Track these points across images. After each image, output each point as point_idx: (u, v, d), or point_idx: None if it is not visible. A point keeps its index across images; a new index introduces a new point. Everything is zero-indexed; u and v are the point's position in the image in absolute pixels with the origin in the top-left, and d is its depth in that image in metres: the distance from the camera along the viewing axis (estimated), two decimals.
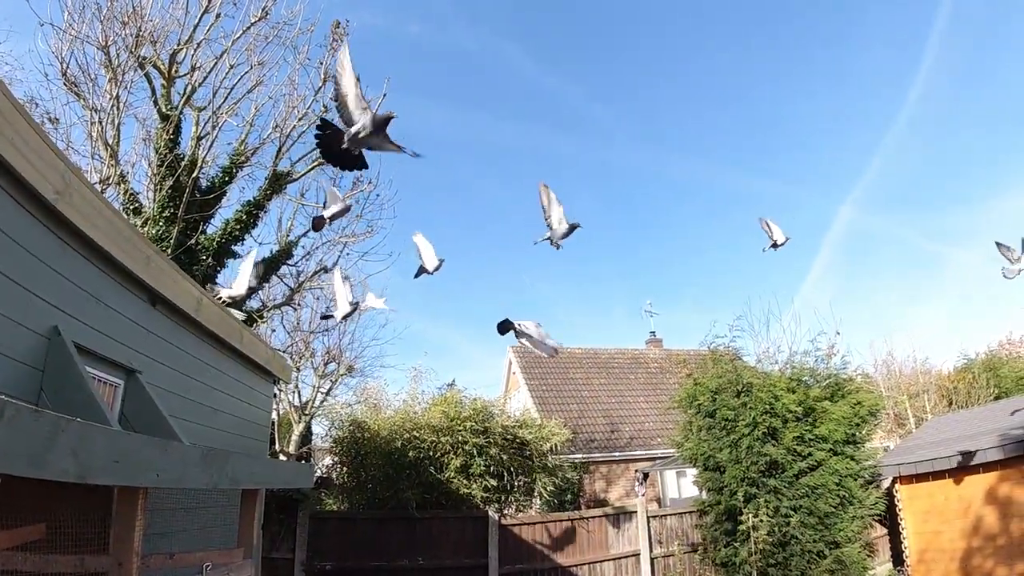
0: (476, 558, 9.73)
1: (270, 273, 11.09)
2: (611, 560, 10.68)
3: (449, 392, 11.26)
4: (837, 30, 62.50)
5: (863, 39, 62.06)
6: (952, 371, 24.12)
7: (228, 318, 5.60)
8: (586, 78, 74.13)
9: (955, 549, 10.67)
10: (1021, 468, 9.96)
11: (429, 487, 10.04)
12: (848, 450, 11.01)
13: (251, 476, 3.70)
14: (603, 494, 18.75)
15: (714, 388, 11.61)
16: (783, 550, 10.50)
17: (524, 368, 21.98)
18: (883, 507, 11.56)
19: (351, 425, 10.63)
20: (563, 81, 70.82)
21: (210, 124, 10.00)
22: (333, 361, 13.81)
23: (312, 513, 9.27)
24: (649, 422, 20.61)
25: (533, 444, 10.73)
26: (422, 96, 62.09)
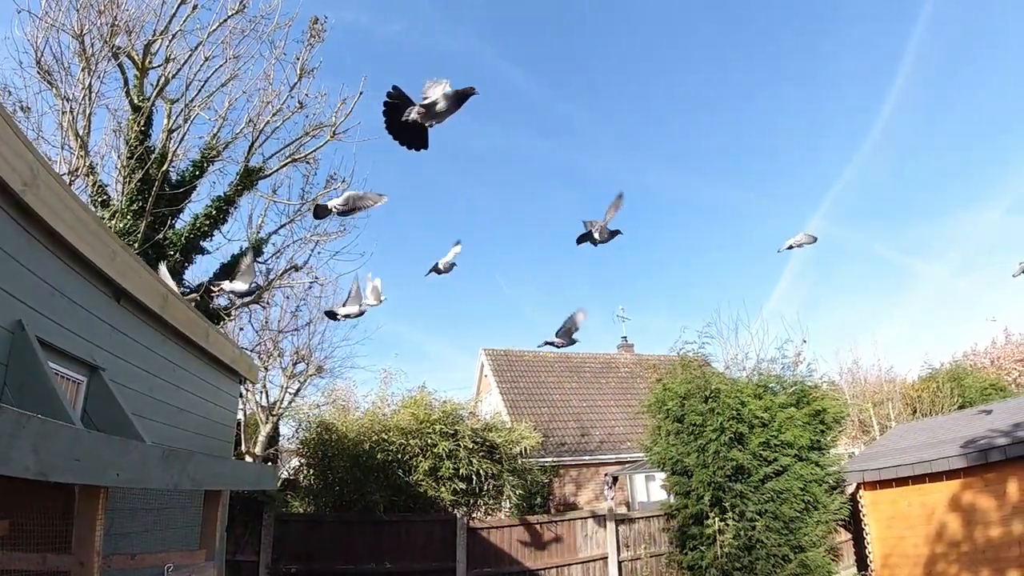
0: (444, 561, 9.72)
1: None
2: (579, 563, 10.76)
3: (419, 394, 11.20)
4: (813, 45, 64.02)
5: (838, 55, 63.64)
6: (916, 380, 24.82)
7: (194, 315, 5.54)
8: (566, 85, 74.62)
9: (919, 555, 10.96)
10: (984, 476, 10.25)
11: (397, 490, 10.02)
12: (813, 456, 11.27)
13: (213, 477, 3.68)
14: (573, 497, 18.86)
15: (683, 393, 11.79)
16: (749, 554, 10.69)
17: (496, 371, 22.05)
18: (847, 512, 11.84)
19: (318, 427, 10.56)
20: (543, 87, 71.20)
21: (182, 117, 9.87)
22: (302, 361, 13.66)
23: (278, 515, 9.17)
24: (619, 426, 20.81)
25: (503, 447, 10.77)
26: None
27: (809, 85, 64.53)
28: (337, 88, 10.82)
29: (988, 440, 10.54)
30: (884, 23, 58.73)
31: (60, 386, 3.09)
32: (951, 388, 22.09)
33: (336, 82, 10.52)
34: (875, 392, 23.09)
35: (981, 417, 13.15)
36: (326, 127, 10.90)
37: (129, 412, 3.71)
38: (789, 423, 11.20)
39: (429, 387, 11.64)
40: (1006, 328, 33.21)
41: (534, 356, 23.77)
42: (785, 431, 11.10)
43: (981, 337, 40.11)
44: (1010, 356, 31.05)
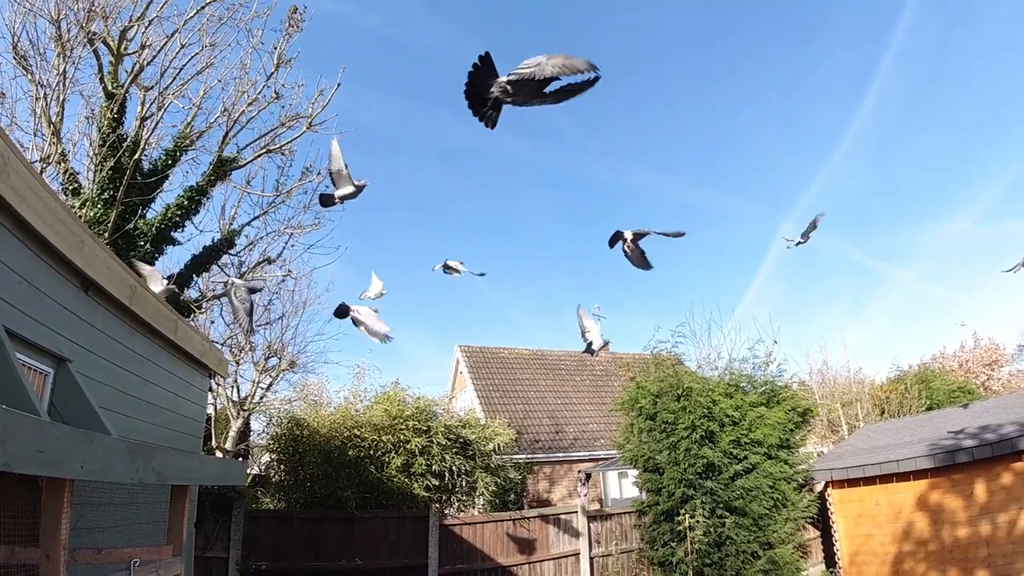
0: (416, 558, 9.72)
1: (211, 262, 10.82)
2: (551, 560, 10.85)
3: (392, 390, 11.17)
4: (790, 50, 65.08)
5: (816, 60, 64.88)
6: (885, 382, 25.40)
7: (163, 308, 5.48)
8: None
9: (886, 553, 11.23)
10: (951, 477, 10.54)
11: (369, 486, 9.99)
12: (782, 454, 11.51)
13: (179, 472, 3.66)
14: (546, 494, 18.99)
15: (655, 392, 11.97)
16: (718, 550, 10.90)
17: (471, 368, 22.08)
18: (816, 510, 12.12)
19: (289, 422, 10.48)
20: None
21: (156, 105, 9.71)
22: (274, 356, 13.53)
23: (247, 511, 9.10)
24: (593, 424, 20.99)
25: (476, 444, 10.81)
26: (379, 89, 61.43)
27: (788, 92, 65.76)
28: (315, 79, 10.73)
29: (955, 442, 10.80)
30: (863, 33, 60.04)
31: (27, 377, 3.06)
32: (919, 390, 22.64)
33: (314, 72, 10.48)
34: (844, 393, 23.58)
35: (948, 419, 13.50)
36: (302, 118, 10.81)
37: (96, 405, 3.68)
38: (759, 422, 11.43)
39: (403, 383, 11.62)
40: (975, 332, 34.20)
41: (510, 353, 23.87)
42: (755, 430, 11.32)
43: (950, 341, 41.17)
44: (979, 360, 31.95)
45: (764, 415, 11.54)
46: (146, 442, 4.07)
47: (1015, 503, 9.79)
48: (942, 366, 29.85)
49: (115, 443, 2.88)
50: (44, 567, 2.46)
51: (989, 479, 10.14)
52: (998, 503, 10.00)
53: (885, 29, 58.29)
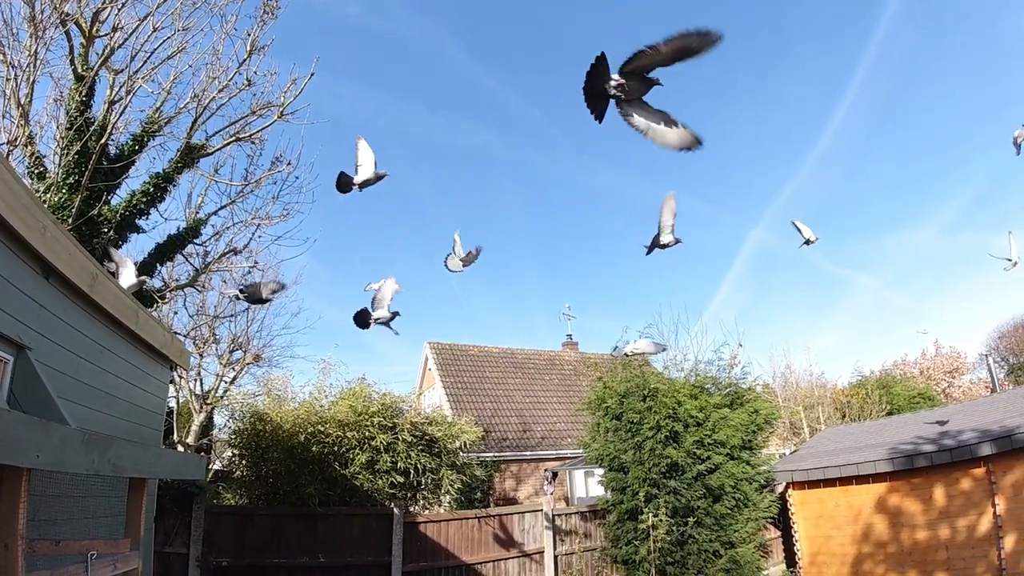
0: (380, 556, 9.71)
1: (175, 251, 10.66)
2: (515, 558, 10.93)
3: (358, 386, 11.13)
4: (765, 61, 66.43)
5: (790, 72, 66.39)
6: (847, 386, 26.10)
7: (124, 297, 5.42)
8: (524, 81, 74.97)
9: (846, 553, 11.56)
10: (910, 481, 10.85)
11: (333, 483, 9.95)
12: (744, 455, 11.78)
13: (135, 464, 3.64)
14: (513, 492, 19.11)
15: (622, 392, 12.16)
16: (681, 549, 11.11)
17: (440, 365, 22.09)
18: (776, 510, 12.43)
19: (252, 417, 10.39)
20: (501, 81, 71.40)
21: (125, 89, 9.52)
22: (239, 349, 13.37)
23: (208, 507, 9.00)
24: (561, 423, 21.17)
25: (442, 441, 10.83)
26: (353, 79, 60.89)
27: (761, 102, 67.16)
28: (288, 67, 10.62)
29: (914, 447, 11.12)
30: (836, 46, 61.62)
31: None
32: (880, 395, 23.31)
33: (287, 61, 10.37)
34: (806, 396, 24.19)
35: (908, 424, 13.92)
36: (274, 107, 10.69)
37: (55, 394, 3.64)
38: (722, 423, 11.68)
39: (370, 380, 11.59)
40: (936, 340, 35.42)
41: (479, 351, 23.94)
42: (719, 430, 11.56)
43: (912, 348, 42.52)
44: (940, 367, 33.04)
45: (727, 416, 11.80)
46: (103, 433, 4.04)
47: (974, 508, 10.04)
48: (903, 372, 30.80)
49: (71, 433, 2.87)
50: (2, 557, 2.46)
51: (948, 484, 10.41)
52: (957, 508, 10.26)
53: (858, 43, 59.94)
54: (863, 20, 61.61)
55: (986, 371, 27.93)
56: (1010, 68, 59.50)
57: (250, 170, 11.28)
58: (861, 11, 62.17)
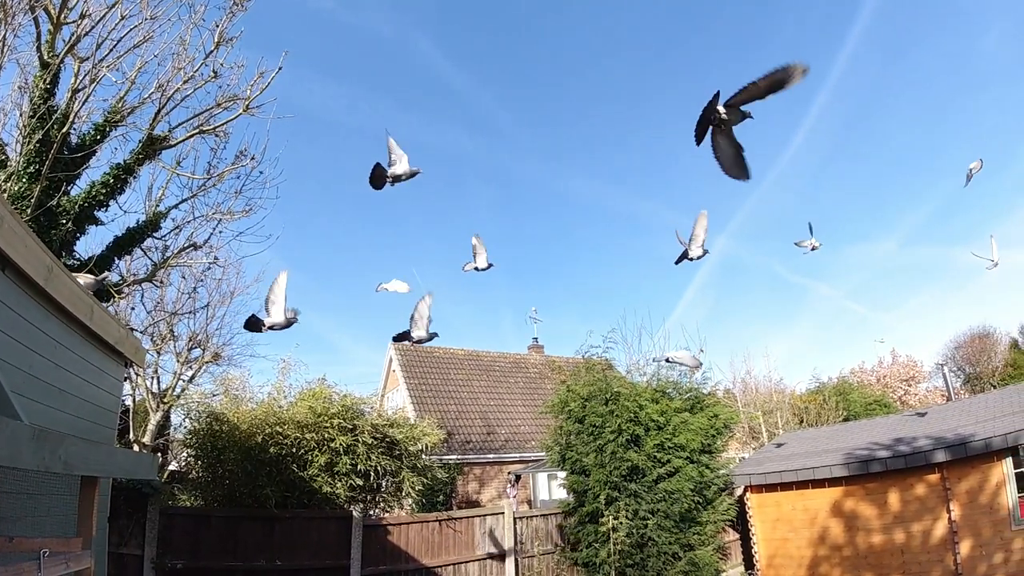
0: (338, 559, 9.66)
1: (134, 244, 10.48)
2: (476, 561, 10.99)
3: (318, 387, 11.04)
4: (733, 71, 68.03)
5: None
6: (805, 392, 26.86)
7: (79, 291, 5.36)
8: (498, 85, 75.32)
9: (802, 556, 11.91)
10: (865, 485, 11.23)
11: (291, 485, 9.87)
12: (704, 459, 12.06)
13: (87, 462, 3.64)
14: (476, 495, 19.19)
15: (585, 395, 12.35)
16: (641, 551, 11.32)
17: (404, 366, 22.07)
18: (735, 513, 12.78)
19: (208, 417, 10.26)
20: (475, 83, 71.63)
21: (89, 77, 9.36)
22: (198, 347, 13.17)
23: (163, 508, 8.86)
24: (525, 425, 21.32)
25: (403, 443, 10.81)
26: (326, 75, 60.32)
27: None
28: (256, 60, 10.53)
29: (870, 452, 11.50)
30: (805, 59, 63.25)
31: None
32: (837, 401, 24.07)
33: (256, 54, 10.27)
34: (766, 401, 24.82)
35: (864, 430, 14.38)
36: (240, 100, 10.59)
37: (8, 389, 3.62)
38: (683, 427, 11.93)
39: (333, 380, 11.52)
40: (893, 349, 36.70)
41: (444, 353, 23.96)
42: (679, 434, 11.81)
43: (869, 356, 43.80)
44: (896, 376, 34.17)
45: (688, 420, 12.06)
46: (54, 429, 4.01)
47: (929, 514, 10.41)
48: (860, 380, 31.75)
49: (20, 428, 2.88)
50: None
51: (903, 489, 10.77)
52: (912, 512, 10.62)
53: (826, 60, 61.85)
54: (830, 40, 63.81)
55: (942, 380, 28.94)
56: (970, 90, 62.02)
57: (213, 163, 11.15)
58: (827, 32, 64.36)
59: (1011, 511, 9.68)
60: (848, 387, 26.57)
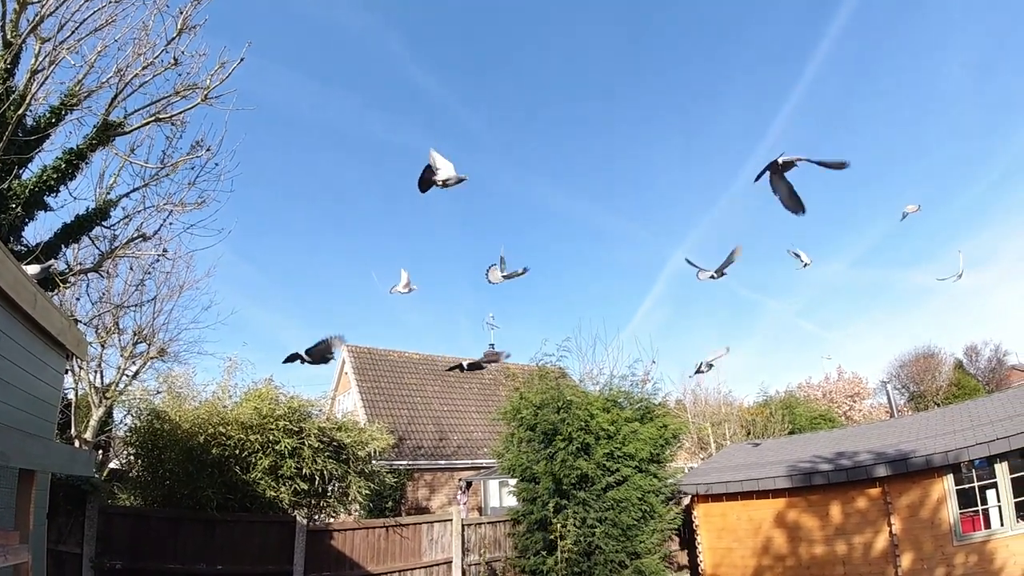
0: (281, 564, 9.57)
1: (83, 232, 10.24)
2: (423, 568, 11.01)
3: (264, 387, 10.87)
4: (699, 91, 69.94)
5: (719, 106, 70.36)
6: (753, 405, 27.62)
7: (23, 279, 5.30)
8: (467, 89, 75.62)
9: (746, 565, 12.29)
10: (808, 497, 11.64)
11: (233, 487, 9.72)
12: (652, 468, 12.36)
13: (23, 454, 3.65)
14: (426, 501, 19.19)
15: (538, 403, 12.54)
16: (588, 559, 11.54)
17: (357, 369, 21.93)
18: (681, 522, 13.10)
19: (150, 414, 10.06)
20: (444, 87, 71.78)
21: (49, 59, 9.15)
22: (143, 342, 12.89)
23: (102, 507, 8.67)
24: (478, 432, 21.41)
25: (351, 447, 10.74)
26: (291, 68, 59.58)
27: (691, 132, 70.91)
28: (219, 50, 10.40)
29: (813, 465, 11.92)
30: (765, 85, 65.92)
31: None
32: (783, 415, 24.88)
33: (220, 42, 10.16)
34: (715, 413, 25.50)
35: (809, 443, 14.88)
36: (199, 89, 10.46)
37: None
38: (632, 436, 12.22)
39: (282, 381, 11.38)
40: (840, 366, 38.06)
41: (399, 356, 23.89)
42: (628, 444, 12.09)
43: (816, 372, 45.28)
44: (842, 391, 35.41)
45: (638, 430, 12.35)
46: None
47: (871, 527, 10.83)
48: (807, 395, 32.83)
49: None
50: None
51: (845, 502, 11.18)
52: (854, 525, 11.03)
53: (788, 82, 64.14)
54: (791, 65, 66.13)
55: (886, 397, 30.12)
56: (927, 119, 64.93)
57: (167, 153, 10.97)
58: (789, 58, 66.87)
59: (953, 527, 10.06)
60: (795, 401, 27.53)
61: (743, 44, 69.47)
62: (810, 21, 67.04)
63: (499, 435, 14.17)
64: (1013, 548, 9.59)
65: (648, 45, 74.45)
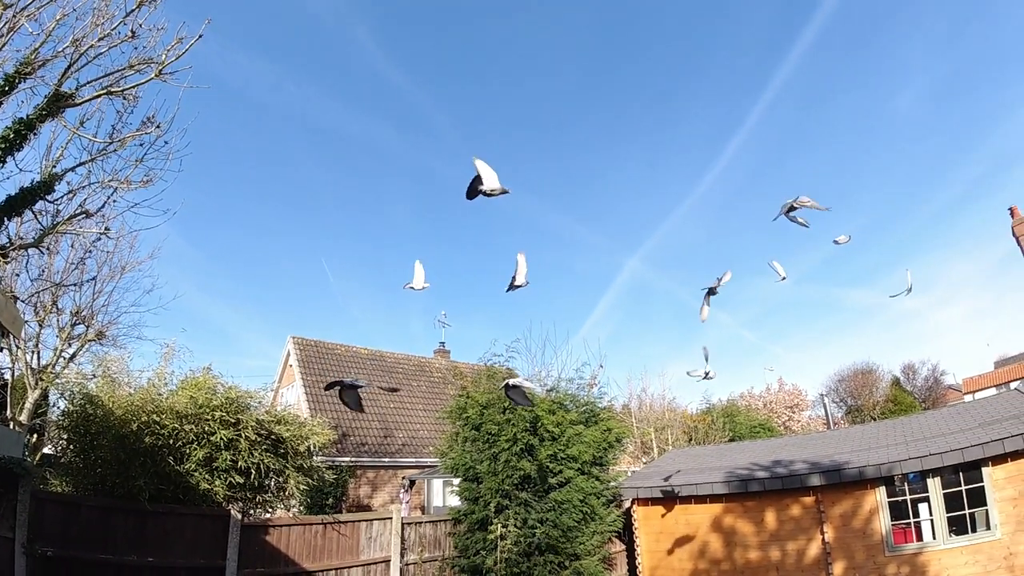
0: (213, 559, 9.44)
1: (26, 206, 9.87)
2: (360, 566, 10.97)
3: (202, 376, 10.64)
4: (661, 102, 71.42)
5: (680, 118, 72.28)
6: (696, 412, 28.37)
7: None
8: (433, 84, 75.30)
9: (683, 568, 12.68)
10: (745, 504, 12.08)
11: (166, 478, 9.54)
12: (595, 471, 12.63)
13: None
14: (368, 499, 19.11)
15: (484, 403, 12.68)
16: (528, 559, 11.75)
17: (302, 362, 21.66)
18: (622, 525, 13.40)
19: (83, 399, 9.78)
20: (410, 80, 71.34)
21: (8, 26, 8.80)
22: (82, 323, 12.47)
23: (34, 492, 8.38)
24: (424, 430, 21.42)
25: (290, 441, 10.61)
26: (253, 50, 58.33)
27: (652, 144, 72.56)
28: (177, 25, 10.15)
29: (750, 472, 12.40)
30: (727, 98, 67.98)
31: None
32: (724, 422, 25.67)
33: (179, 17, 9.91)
34: (659, 418, 26.19)
35: (747, 451, 15.37)
36: (154, 63, 10.21)
37: None
38: (577, 439, 12.47)
39: (218, 370, 11.12)
40: (781, 378, 39.49)
41: (346, 351, 23.71)
42: (572, 446, 12.34)
43: (758, 382, 46.84)
44: (782, 402, 36.63)
45: (582, 433, 12.61)
46: None
47: (804, 534, 11.28)
48: (748, 404, 33.91)
49: None
50: None
51: (780, 509, 11.64)
52: (788, 532, 11.47)
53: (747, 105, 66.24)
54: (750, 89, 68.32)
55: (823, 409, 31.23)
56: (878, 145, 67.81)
57: (117, 128, 10.66)
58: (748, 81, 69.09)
59: (884, 537, 10.53)
60: (736, 410, 28.43)
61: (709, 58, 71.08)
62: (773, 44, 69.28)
63: (444, 434, 14.21)
64: (945, 562, 10.00)
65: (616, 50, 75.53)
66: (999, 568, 9.60)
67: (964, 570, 9.82)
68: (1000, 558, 9.63)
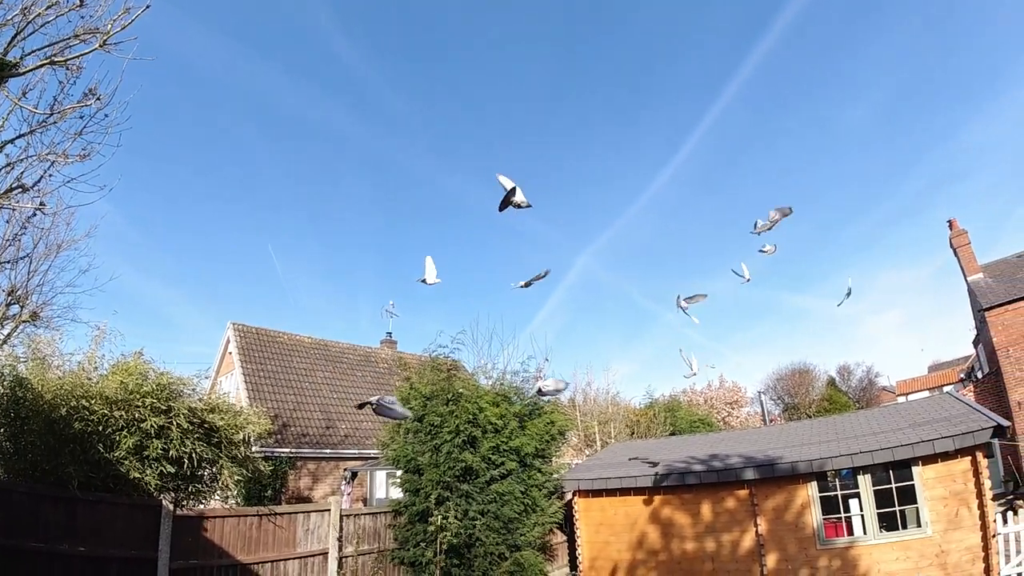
0: (145, 550, 9.27)
1: None
2: (297, 558, 10.89)
3: (133, 361, 10.35)
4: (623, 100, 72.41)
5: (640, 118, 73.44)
6: (639, 407, 29.05)
7: None
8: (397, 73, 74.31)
9: (622, 559, 13.06)
10: (681, 496, 12.50)
11: (96, 466, 9.32)
12: (537, 463, 12.86)
13: None
14: (309, 491, 18.92)
15: (427, 394, 12.76)
16: (468, 551, 11.95)
17: (242, 349, 21.23)
18: (563, 516, 13.63)
19: (13, 381, 9.42)
20: (371, 65, 70.18)
21: None
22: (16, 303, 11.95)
23: None
24: (368, 422, 21.31)
25: (224, 431, 10.43)
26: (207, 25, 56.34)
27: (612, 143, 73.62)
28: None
29: (687, 465, 12.81)
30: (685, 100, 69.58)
31: None
32: (665, 417, 26.37)
33: None
34: (602, 412, 26.77)
35: (686, 444, 15.83)
36: (99, 33, 9.84)
37: None
38: (519, 431, 12.67)
39: (152, 355, 10.81)
40: (722, 375, 40.99)
41: (289, 339, 23.35)
42: (515, 438, 12.56)
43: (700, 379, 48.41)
44: (722, 399, 37.88)
45: (525, 425, 12.83)
46: None
47: (738, 525, 11.73)
48: (690, 400, 34.95)
49: None
50: None
51: (715, 502, 12.08)
52: (723, 524, 11.91)
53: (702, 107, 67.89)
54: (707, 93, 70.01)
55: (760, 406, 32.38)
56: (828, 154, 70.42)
57: (58, 99, 10.26)
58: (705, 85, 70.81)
59: (816, 531, 10.99)
60: (677, 405, 29.33)
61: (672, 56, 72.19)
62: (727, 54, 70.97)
63: (386, 425, 14.18)
64: (876, 556, 10.45)
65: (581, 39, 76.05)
66: (931, 565, 10.06)
67: (895, 565, 10.29)
68: (932, 555, 10.06)
